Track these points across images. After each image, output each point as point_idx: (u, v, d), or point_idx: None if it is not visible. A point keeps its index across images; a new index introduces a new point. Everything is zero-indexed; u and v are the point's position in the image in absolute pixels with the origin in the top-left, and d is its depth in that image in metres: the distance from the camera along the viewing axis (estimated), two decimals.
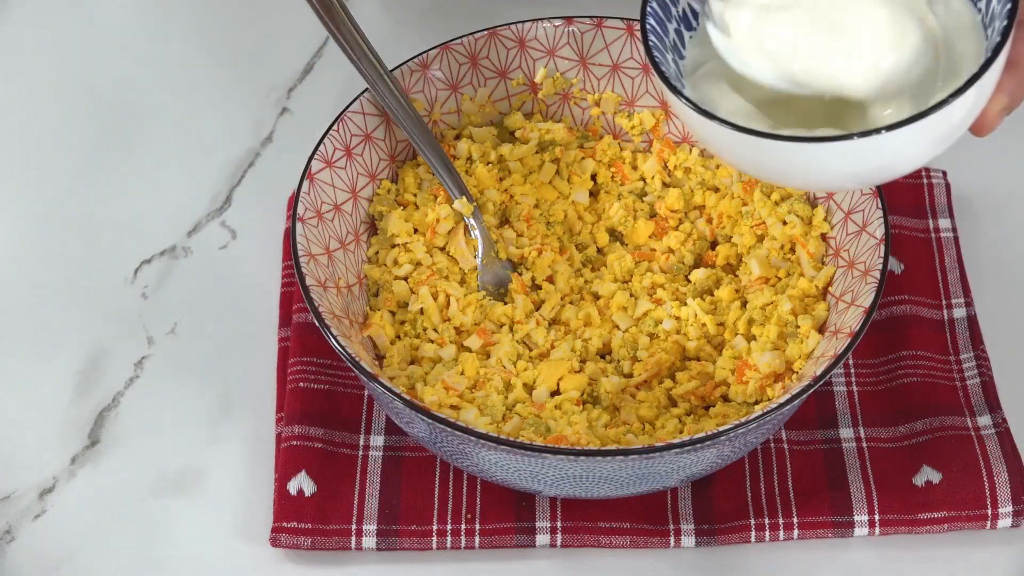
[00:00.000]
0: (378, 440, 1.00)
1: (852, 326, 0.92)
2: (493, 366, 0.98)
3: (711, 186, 1.06)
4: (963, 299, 1.06)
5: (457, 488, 0.98)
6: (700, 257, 1.05)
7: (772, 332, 0.97)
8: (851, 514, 0.96)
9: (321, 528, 0.96)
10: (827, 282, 0.99)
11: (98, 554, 0.97)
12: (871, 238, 0.96)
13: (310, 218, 0.97)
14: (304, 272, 0.94)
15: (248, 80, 1.22)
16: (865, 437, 1.00)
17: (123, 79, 1.22)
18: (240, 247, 1.11)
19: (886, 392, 1.02)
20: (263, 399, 1.03)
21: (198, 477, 1.00)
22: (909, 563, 0.96)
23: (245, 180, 1.15)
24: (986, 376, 1.02)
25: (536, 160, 1.06)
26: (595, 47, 1.06)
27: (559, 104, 1.08)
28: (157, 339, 1.06)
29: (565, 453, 0.87)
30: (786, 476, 0.98)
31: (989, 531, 0.97)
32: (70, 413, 1.03)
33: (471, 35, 1.05)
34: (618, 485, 0.91)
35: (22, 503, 0.99)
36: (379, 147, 1.03)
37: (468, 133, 1.07)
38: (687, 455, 0.89)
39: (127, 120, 1.18)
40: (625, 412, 0.97)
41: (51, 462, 1.01)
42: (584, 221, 1.06)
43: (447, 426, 0.88)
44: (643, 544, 0.96)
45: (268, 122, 1.19)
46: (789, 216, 1.01)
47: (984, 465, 0.97)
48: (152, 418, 1.03)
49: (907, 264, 1.08)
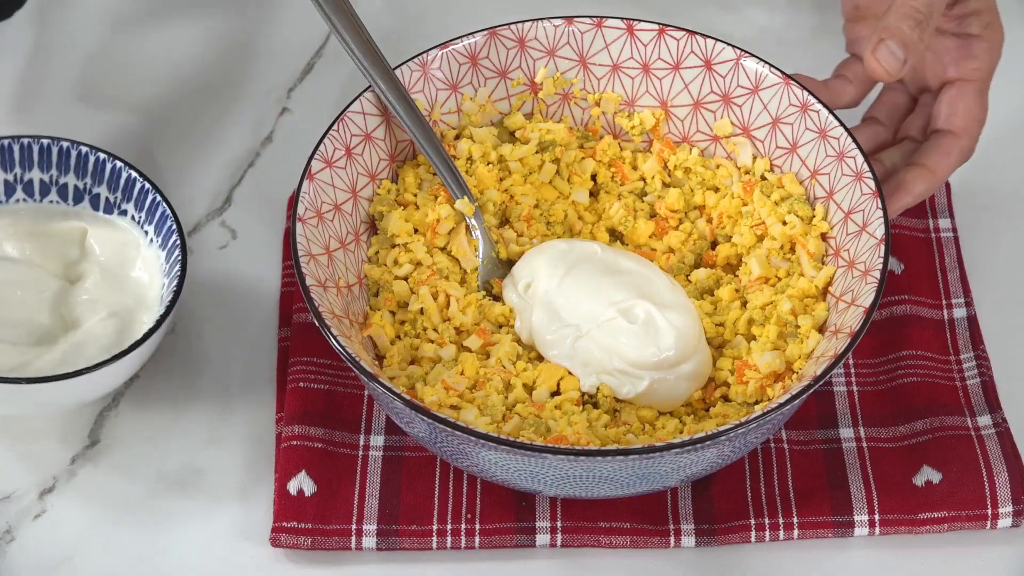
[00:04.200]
0: (378, 440, 1.00)
1: (852, 326, 0.92)
2: (493, 366, 0.98)
3: (711, 186, 1.06)
4: (963, 299, 1.06)
5: (457, 488, 0.98)
6: (700, 257, 1.05)
7: (772, 332, 0.97)
8: (851, 514, 0.96)
9: (321, 528, 0.96)
10: (827, 282, 0.99)
11: (98, 554, 0.97)
12: (871, 238, 0.96)
13: (310, 218, 0.97)
14: (304, 272, 0.94)
15: (248, 80, 1.22)
16: (865, 437, 1.00)
17: (123, 79, 1.22)
18: (240, 247, 1.11)
19: (886, 392, 1.02)
20: (263, 399, 1.03)
21: (198, 477, 1.00)
22: (909, 563, 0.96)
23: (245, 180, 1.15)
24: (986, 376, 1.02)
25: (536, 160, 1.06)
26: (595, 47, 1.06)
27: (559, 104, 1.08)
28: None
29: (565, 453, 0.87)
30: (786, 476, 0.98)
31: (989, 531, 0.97)
32: (70, 413, 1.02)
33: (471, 35, 1.05)
34: (618, 485, 0.91)
35: (22, 503, 0.99)
36: (379, 147, 1.03)
37: (468, 133, 1.07)
38: (687, 455, 0.89)
39: (127, 120, 1.18)
40: (625, 412, 0.97)
41: (51, 462, 1.00)
42: (584, 221, 1.06)
43: (447, 426, 0.88)
44: (643, 544, 0.96)
45: (268, 122, 1.19)
46: (789, 216, 1.01)
47: (984, 465, 0.97)
48: (152, 418, 1.02)
49: (907, 264, 1.08)
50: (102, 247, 1.05)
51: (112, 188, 1.05)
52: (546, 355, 0.98)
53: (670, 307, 0.97)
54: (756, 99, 1.04)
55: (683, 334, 0.96)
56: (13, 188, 1.06)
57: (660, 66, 1.06)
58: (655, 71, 1.06)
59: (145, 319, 1.01)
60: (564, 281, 0.98)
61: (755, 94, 1.04)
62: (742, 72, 1.04)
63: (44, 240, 1.04)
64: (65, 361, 0.98)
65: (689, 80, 1.05)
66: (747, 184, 1.04)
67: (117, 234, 1.05)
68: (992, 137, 1.11)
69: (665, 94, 1.07)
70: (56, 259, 1.04)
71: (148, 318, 1.01)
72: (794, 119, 1.03)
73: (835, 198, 1.00)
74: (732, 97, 1.05)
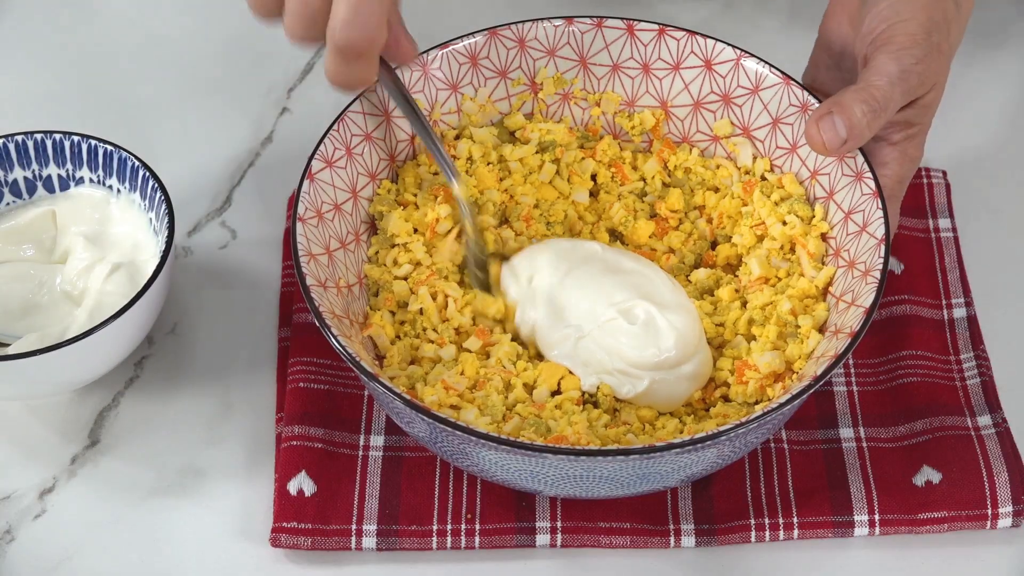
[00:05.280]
0: (378, 440, 1.00)
1: (852, 326, 0.92)
2: (493, 366, 0.98)
3: (711, 186, 1.06)
4: (963, 299, 1.06)
5: (457, 488, 0.98)
6: (700, 257, 1.05)
7: (772, 332, 0.97)
8: (851, 514, 0.96)
9: (321, 528, 0.96)
10: (827, 282, 0.99)
11: (98, 554, 0.97)
12: (871, 238, 0.96)
13: (310, 218, 0.97)
14: (304, 272, 0.94)
15: (248, 80, 1.22)
16: (865, 437, 1.00)
17: (123, 79, 1.22)
18: (240, 247, 1.11)
19: (886, 392, 1.02)
20: (263, 399, 1.03)
21: (198, 477, 1.00)
22: (909, 563, 0.96)
23: (245, 180, 1.15)
24: (986, 376, 1.02)
25: (536, 160, 1.06)
26: (595, 47, 1.06)
27: (559, 104, 1.08)
28: (157, 339, 1.06)
29: (565, 453, 0.87)
30: (786, 476, 0.98)
31: (989, 531, 0.97)
32: (70, 413, 1.02)
33: (471, 35, 1.05)
34: (618, 485, 0.91)
35: (22, 503, 0.99)
36: (379, 147, 1.03)
37: (468, 133, 1.07)
38: (687, 455, 0.89)
39: (127, 120, 1.18)
40: (625, 412, 0.97)
41: (51, 462, 1.00)
42: (584, 221, 1.06)
43: (447, 426, 0.88)
44: (643, 544, 0.96)
45: (268, 122, 1.19)
46: (789, 216, 1.01)
47: (984, 465, 0.97)
48: (152, 418, 1.02)
49: (907, 264, 1.08)
50: (74, 218, 1.05)
51: (59, 163, 1.05)
52: (547, 355, 0.98)
53: (671, 308, 0.97)
54: (756, 99, 1.04)
55: (683, 335, 0.96)
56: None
57: (660, 66, 1.06)
58: (655, 71, 1.06)
59: (147, 257, 1.02)
60: (566, 280, 0.98)
61: (755, 94, 1.04)
62: (742, 72, 1.04)
63: (17, 236, 1.05)
64: (93, 320, 0.98)
65: (689, 80, 1.05)
66: (747, 184, 1.04)
67: (82, 201, 1.06)
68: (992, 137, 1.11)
69: (665, 94, 1.07)
70: (37, 248, 1.05)
71: (150, 255, 1.02)
72: (794, 119, 1.03)
73: (835, 198, 1.00)
74: (732, 97, 1.05)
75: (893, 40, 0.97)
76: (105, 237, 1.04)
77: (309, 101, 1.20)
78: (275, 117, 1.19)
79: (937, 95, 0.99)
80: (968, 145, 1.16)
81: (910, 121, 0.99)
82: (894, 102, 0.96)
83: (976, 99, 1.19)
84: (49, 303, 1.02)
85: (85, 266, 1.02)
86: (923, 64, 0.96)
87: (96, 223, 1.05)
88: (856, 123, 0.95)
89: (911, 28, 0.97)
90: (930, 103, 0.99)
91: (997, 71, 1.21)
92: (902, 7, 0.97)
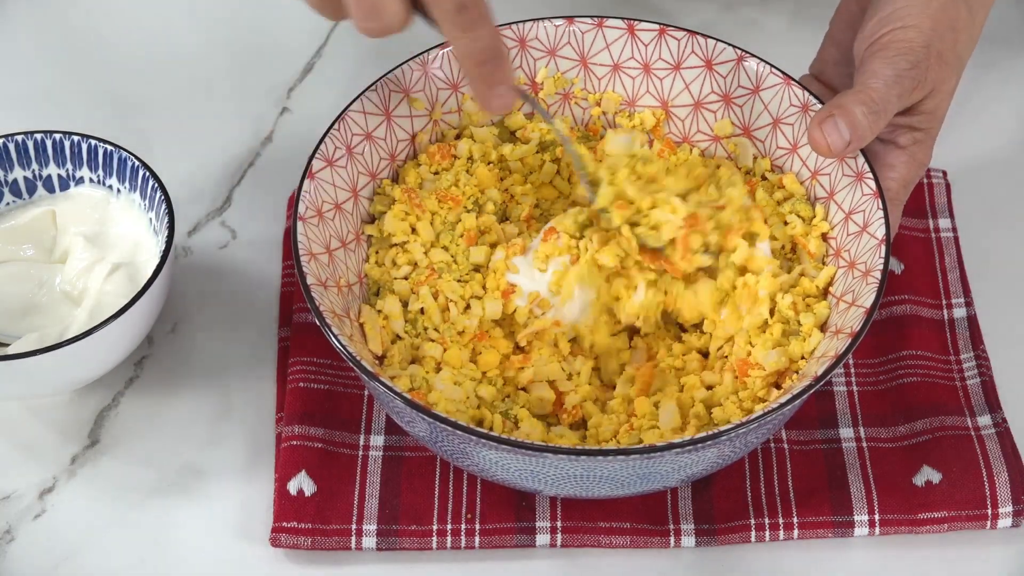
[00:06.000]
0: (378, 440, 1.00)
1: (853, 326, 0.92)
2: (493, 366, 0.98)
3: None
4: (963, 299, 1.06)
5: (457, 488, 0.98)
6: None
7: (776, 330, 0.97)
8: (851, 514, 0.96)
9: (321, 528, 0.96)
10: (828, 282, 0.99)
11: (98, 554, 0.97)
12: (872, 238, 0.96)
13: (311, 217, 0.97)
14: (305, 271, 0.94)
15: (248, 80, 1.22)
16: (865, 437, 1.00)
17: (123, 79, 1.22)
18: (240, 247, 1.11)
19: (886, 392, 1.02)
20: (263, 399, 1.03)
21: (198, 477, 1.00)
22: (909, 563, 0.96)
23: (245, 180, 1.15)
24: (986, 376, 1.02)
25: (537, 160, 1.06)
26: (596, 47, 1.06)
27: (560, 104, 1.08)
28: (157, 339, 1.06)
29: (565, 452, 0.87)
30: (786, 476, 0.98)
31: (989, 531, 0.97)
32: (70, 413, 1.02)
33: None
34: (618, 485, 0.91)
35: (22, 503, 0.99)
36: (380, 146, 1.03)
37: (469, 133, 1.07)
38: (687, 455, 0.89)
39: (127, 120, 1.18)
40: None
41: (51, 462, 1.00)
42: None
43: (448, 425, 0.88)
44: (643, 544, 0.96)
45: (268, 122, 1.19)
46: (790, 216, 1.01)
47: (984, 465, 0.97)
48: (152, 418, 1.02)
49: (907, 264, 1.08)
50: (74, 218, 1.05)
51: (59, 163, 1.05)
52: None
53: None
54: (757, 99, 1.04)
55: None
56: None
57: (661, 66, 1.06)
58: (656, 71, 1.06)
59: (147, 257, 1.02)
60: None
61: (756, 94, 1.04)
62: (743, 72, 1.04)
63: (17, 236, 1.05)
64: (93, 320, 0.99)
65: (690, 80, 1.05)
66: (747, 184, 1.04)
67: (82, 201, 1.06)
68: (992, 137, 1.11)
69: (666, 94, 1.07)
70: (37, 248, 1.04)
71: (150, 255, 1.02)
72: (795, 119, 1.03)
73: (836, 198, 1.00)
74: (733, 97, 1.05)
75: (889, 46, 0.97)
76: (105, 237, 1.04)
77: (309, 101, 1.20)
78: (275, 117, 1.19)
79: (942, 101, 0.99)
80: (968, 145, 1.16)
81: (916, 126, 0.99)
82: (891, 104, 0.96)
83: (976, 99, 1.19)
84: (49, 303, 1.02)
85: (85, 266, 1.02)
86: (917, 69, 0.97)
87: (96, 223, 1.05)
88: (858, 124, 0.96)
89: (910, 35, 0.97)
90: (934, 109, 0.99)
91: (997, 72, 1.21)
92: (907, 13, 0.98)
